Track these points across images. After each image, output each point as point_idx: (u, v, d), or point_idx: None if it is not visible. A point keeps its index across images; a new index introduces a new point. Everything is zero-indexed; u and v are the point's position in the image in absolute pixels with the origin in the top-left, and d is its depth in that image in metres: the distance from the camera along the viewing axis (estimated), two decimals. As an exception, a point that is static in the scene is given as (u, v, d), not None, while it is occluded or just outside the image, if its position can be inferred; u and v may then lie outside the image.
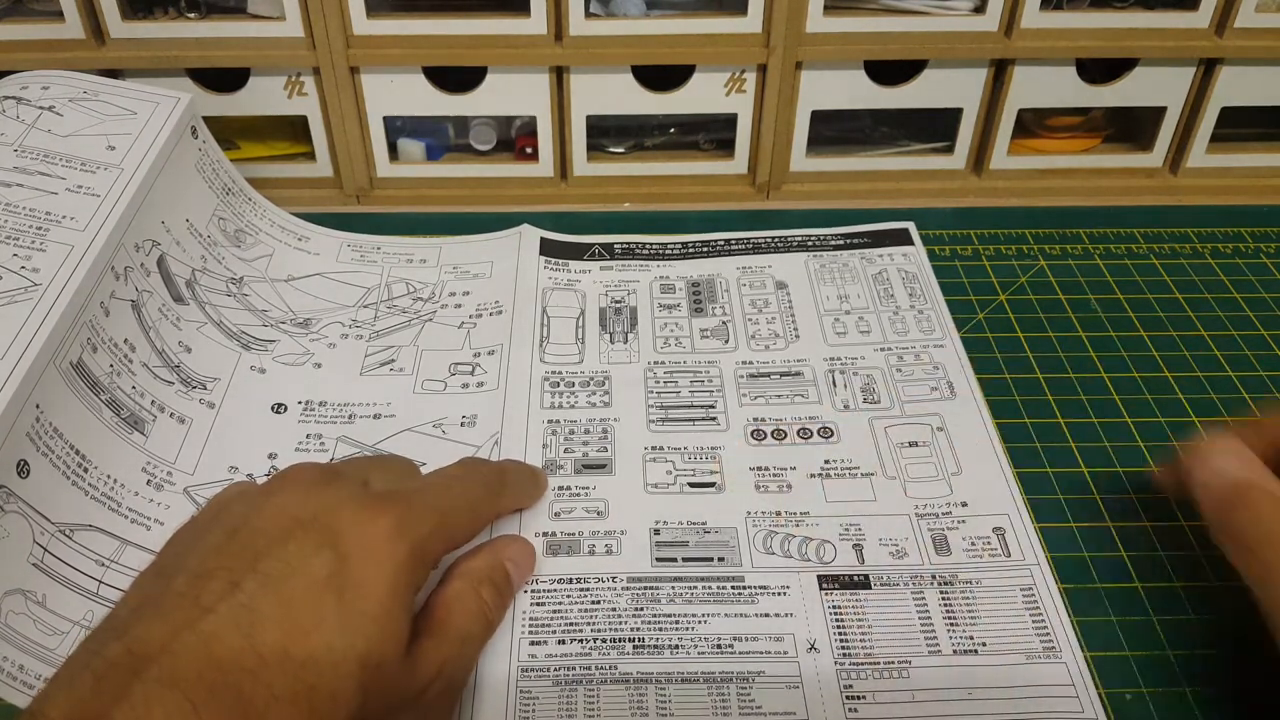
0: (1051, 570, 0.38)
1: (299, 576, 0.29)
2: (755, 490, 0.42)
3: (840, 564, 0.39)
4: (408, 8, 0.54)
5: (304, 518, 0.30)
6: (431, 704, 0.32)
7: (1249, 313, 0.51)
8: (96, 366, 0.40)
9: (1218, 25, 0.55)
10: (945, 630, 0.37)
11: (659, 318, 0.50)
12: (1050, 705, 0.34)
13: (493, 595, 0.35)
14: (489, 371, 0.47)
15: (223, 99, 0.55)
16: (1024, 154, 0.60)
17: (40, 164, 0.45)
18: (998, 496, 0.41)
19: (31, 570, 0.35)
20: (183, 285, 0.47)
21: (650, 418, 0.45)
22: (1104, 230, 0.57)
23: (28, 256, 0.40)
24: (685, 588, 0.38)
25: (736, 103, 0.56)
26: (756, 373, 0.47)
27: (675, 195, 0.60)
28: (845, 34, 0.54)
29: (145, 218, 0.45)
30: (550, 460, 0.43)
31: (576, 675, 0.35)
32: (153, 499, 0.40)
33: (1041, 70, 0.56)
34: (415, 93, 0.55)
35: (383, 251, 0.54)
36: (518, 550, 0.38)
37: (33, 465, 0.36)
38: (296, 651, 0.27)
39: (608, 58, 0.54)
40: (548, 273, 0.53)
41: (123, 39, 0.54)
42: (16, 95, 0.48)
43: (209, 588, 0.28)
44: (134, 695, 0.25)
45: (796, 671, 0.35)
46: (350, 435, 0.44)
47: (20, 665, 0.33)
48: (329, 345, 0.48)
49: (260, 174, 0.57)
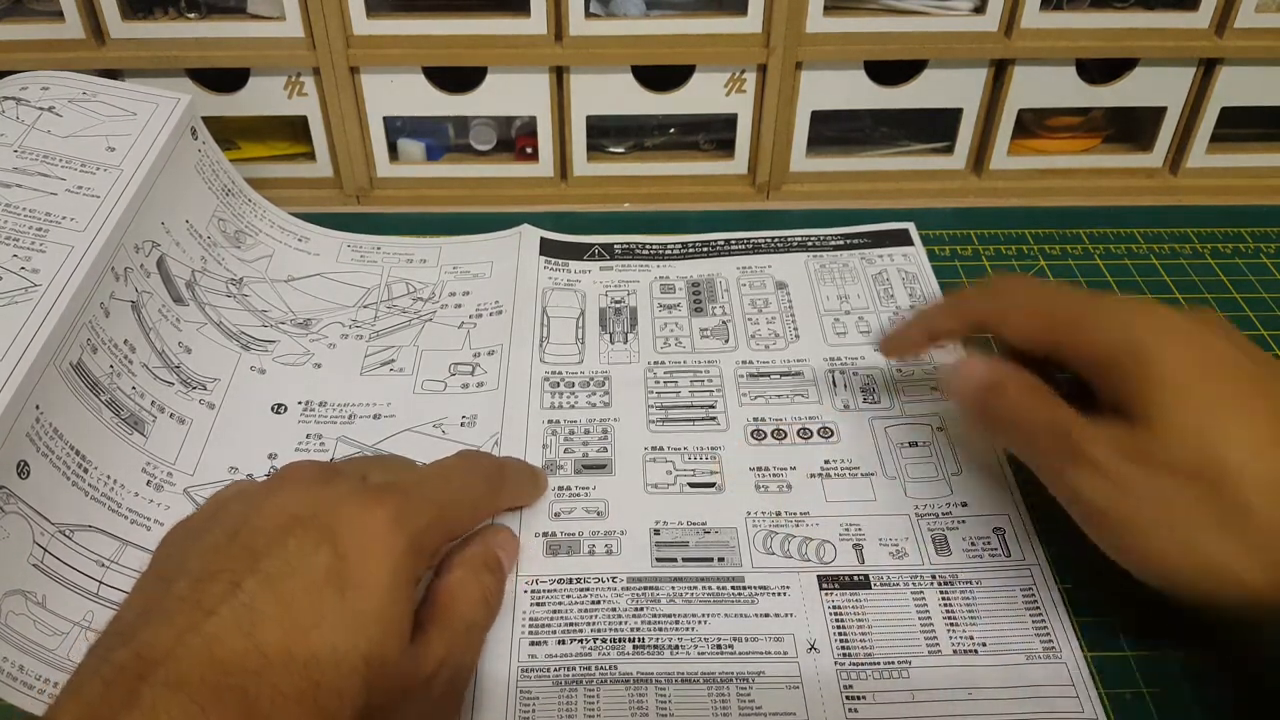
0: (1051, 570, 0.38)
1: (299, 574, 0.29)
2: (755, 490, 0.42)
3: (840, 564, 0.39)
4: (408, 8, 0.54)
5: (302, 515, 0.30)
6: (440, 693, 0.32)
7: (1249, 313, 0.51)
8: (96, 367, 0.40)
9: (1218, 25, 0.55)
10: (945, 630, 0.37)
11: (659, 318, 0.50)
12: (1050, 705, 0.34)
13: (492, 581, 0.35)
14: (489, 371, 0.47)
15: (223, 99, 0.55)
16: (1024, 154, 0.60)
17: (40, 165, 0.45)
18: (998, 497, 0.41)
19: (31, 571, 0.35)
20: (182, 286, 0.47)
21: (650, 418, 0.45)
22: (1104, 230, 0.57)
23: (27, 257, 0.40)
24: (685, 588, 0.38)
25: (736, 103, 0.56)
26: (756, 373, 0.47)
27: (675, 195, 0.60)
28: (845, 34, 0.54)
29: (145, 218, 0.45)
30: (550, 460, 0.43)
31: (576, 675, 0.35)
32: (153, 499, 0.40)
33: (1041, 70, 0.56)
34: (415, 93, 0.55)
35: (383, 251, 0.54)
36: (504, 537, 0.38)
37: (33, 466, 0.36)
38: (299, 650, 0.27)
39: (608, 58, 0.54)
40: (548, 273, 0.53)
41: (123, 39, 0.54)
42: (16, 96, 0.48)
43: (211, 590, 0.28)
44: (142, 700, 0.25)
45: (796, 672, 0.35)
46: (350, 435, 0.44)
47: (20, 665, 0.33)
48: (329, 345, 0.48)
49: (260, 174, 0.57)
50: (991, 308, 0.38)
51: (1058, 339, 0.35)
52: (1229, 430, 0.31)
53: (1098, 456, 0.32)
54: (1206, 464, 0.30)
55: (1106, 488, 0.32)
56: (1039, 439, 0.34)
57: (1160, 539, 0.31)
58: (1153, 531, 0.31)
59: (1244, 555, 0.30)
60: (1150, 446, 0.31)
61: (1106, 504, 0.32)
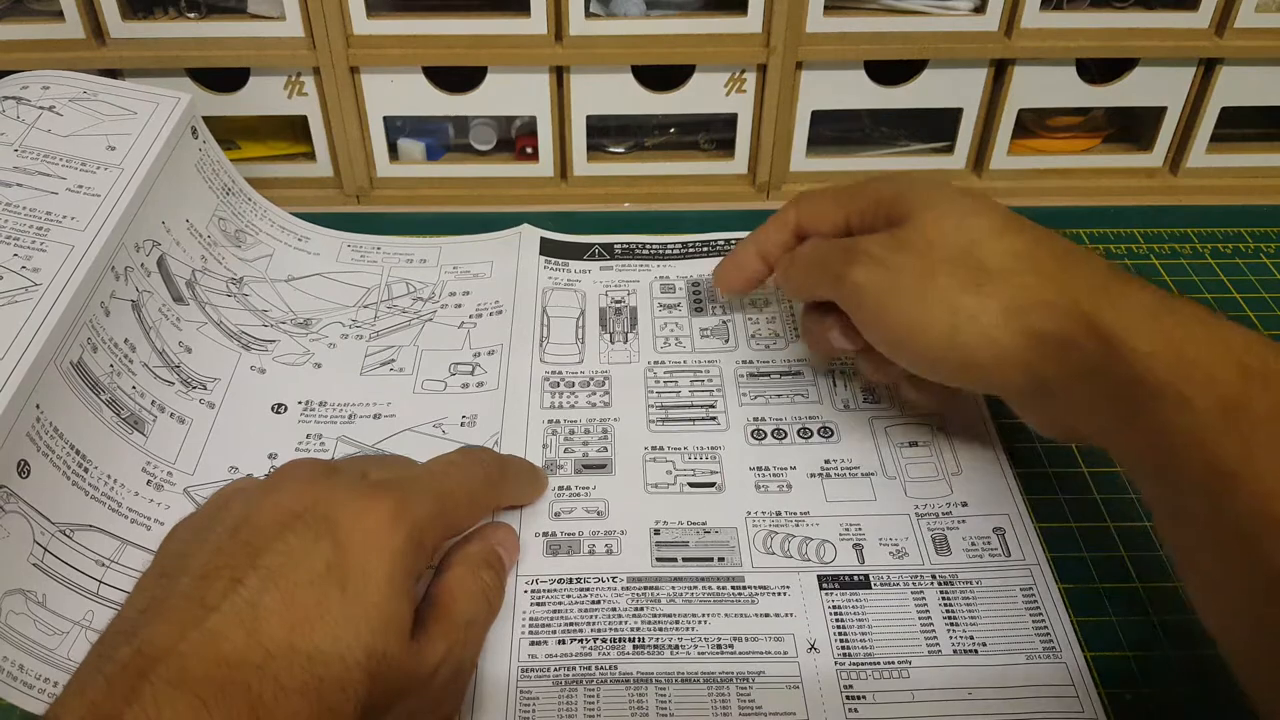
0: (1051, 570, 0.38)
1: (300, 569, 0.29)
2: (755, 490, 0.42)
3: (840, 564, 0.39)
4: (408, 8, 0.54)
5: (303, 511, 0.30)
6: (440, 690, 0.32)
7: (1249, 313, 0.51)
8: (97, 366, 0.40)
9: (1218, 25, 0.55)
10: (945, 630, 0.37)
11: (659, 317, 0.50)
12: (1050, 705, 0.34)
13: (492, 578, 0.36)
14: (489, 371, 0.47)
15: (223, 99, 0.55)
16: (1024, 154, 0.60)
17: (40, 164, 0.45)
18: (998, 497, 0.41)
19: (31, 570, 0.35)
20: (183, 285, 0.47)
21: (650, 418, 0.45)
22: (1104, 230, 0.57)
23: (28, 256, 0.40)
24: (685, 588, 0.38)
25: (736, 103, 0.56)
26: (756, 372, 0.47)
27: (675, 195, 0.60)
28: (845, 34, 0.54)
29: (145, 218, 0.45)
30: (550, 460, 0.43)
31: (576, 675, 0.35)
32: (153, 499, 0.40)
33: (1041, 70, 0.56)
34: (415, 93, 0.55)
35: (383, 251, 0.54)
36: (504, 535, 0.38)
37: (33, 465, 0.36)
38: (302, 644, 0.27)
39: (608, 58, 0.54)
40: (548, 273, 0.53)
41: (123, 39, 0.54)
42: (16, 95, 0.48)
43: (213, 587, 0.28)
44: (144, 696, 0.25)
45: (796, 671, 0.35)
46: (350, 435, 0.44)
47: (20, 665, 0.33)
48: (329, 345, 0.48)
49: (260, 174, 0.57)
50: (799, 206, 0.44)
51: (849, 205, 0.42)
52: (975, 220, 0.37)
53: (872, 250, 0.38)
54: (959, 241, 0.37)
55: (880, 272, 0.38)
56: (829, 257, 0.40)
57: (925, 310, 0.37)
58: (919, 303, 0.37)
59: (992, 310, 0.35)
60: (913, 236, 0.38)
61: (881, 285, 0.38)
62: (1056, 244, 0.37)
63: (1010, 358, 0.36)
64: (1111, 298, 0.33)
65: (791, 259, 0.43)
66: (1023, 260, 0.36)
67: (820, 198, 0.43)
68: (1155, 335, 0.31)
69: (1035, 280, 0.35)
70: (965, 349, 0.36)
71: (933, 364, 0.38)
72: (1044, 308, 0.35)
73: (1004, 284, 0.36)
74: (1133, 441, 0.33)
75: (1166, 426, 0.30)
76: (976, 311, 0.36)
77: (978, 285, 0.36)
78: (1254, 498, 0.28)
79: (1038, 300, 0.35)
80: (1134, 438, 0.32)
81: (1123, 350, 0.32)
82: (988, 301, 0.36)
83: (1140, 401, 0.31)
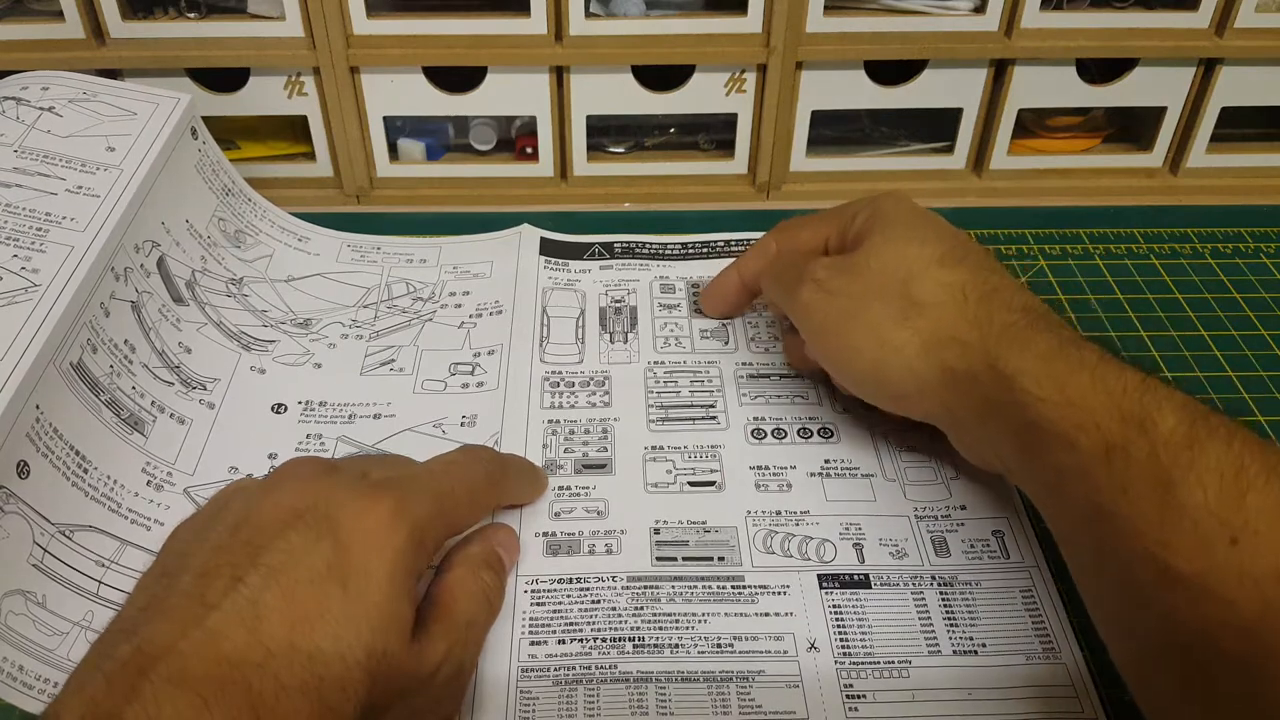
0: (1050, 572, 0.38)
1: (300, 568, 0.29)
2: (755, 489, 0.42)
3: (840, 563, 0.39)
4: (408, 8, 0.54)
5: (303, 509, 0.30)
6: (440, 690, 0.32)
7: (1249, 313, 0.51)
8: (96, 367, 0.40)
9: (1218, 25, 0.55)
10: (945, 630, 0.37)
11: (659, 317, 0.50)
12: (1050, 705, 0.34)
13: (493, 578, 0.36)
14: (489, 371, 0.47)
15: (223, 99, 0.56)
16: (1024, 154, 0.60)
17: (40, 165, 0.45)
18: (997, 500, 0.41)
19: (31, 571, 0.35)
20: (182, 286, 0.47)
21: (650, 417, 0.45)
22: (1104, 230, 0.57)
23: (28, 257, 0.40)
24: (685, 587, 0.38)
25: (736, 103, 0.56)
26: (756, 374, 0.47)
27: (675, 195, 0.60)
28: (845, 34, 0.54)
29: (145, 218, 0.45)
30: (550, 460, 0.43)
31: (576, 675, 0.35)
32: (153, 499, 0.40)
33: (1041, 70, 0.56)
34: (415, 93, 0.55)
35: (383, 251, 0.54)
36: (505, 535, 0.39)
37: (33, 466, 0.36)
38: (302, 643, 0.27)
39: (608, 58, 0.54)
40: (548, 272, 0.53)
41: (122, 39, 0.54)
42: (16, 96, 0.48)
43: (213, 585, 0.28)
44: (144, 694, 0.25)
45: (796, 671, 0.35)
46: (350, 435, 0.44)
47: (20, 665, 0.33)
48: (329, 345, 0.48)
49: (260, 174, 0.57)
50: (779, 233, 0.46)
51: (825, 229, 0.43)
52: (916, 250, 0.38)
53: (818, 273, 0.40)
54: (896, 272, 0.38)
55: (822, 296, 0.40)
56: (786, 274, 0.42)
57: (857, 333, 0.38)
58: (851, 326, 0.38)
59: (914, 344, 0.37)
60: (860, 262, 0.39)
61: (821, 307, 0.40)
62: (988, 279, 0.37)
63: (929, 391, 0.37)
64: (1017, 341, 0.35)
65: (765, 270, 0.46)
66: (951, 293, 0.37)
67: (799, 223, 0.45)
68: (1046, 380, 0.33)
69: (955, 316, 0.37)
70: (890, 380, 0.38)
71: (868, 391, 0.40)
72: (957, 345, 0.36)
73: (928, 318, 0.37)
74: (1032, 476, 0.35)
75: (1057, 465, 0.33)
76: (901, 344, 0.37)
77: (905, 318, 0.37)
78: (1126, 536, 0.30)
79: (952, 337, 0.36)
80: (1033, 473, 0.35)
81: (1018, 393, 0.34)
82: (911, 336, 0.37)
83: (1036, 440, 0.33)
